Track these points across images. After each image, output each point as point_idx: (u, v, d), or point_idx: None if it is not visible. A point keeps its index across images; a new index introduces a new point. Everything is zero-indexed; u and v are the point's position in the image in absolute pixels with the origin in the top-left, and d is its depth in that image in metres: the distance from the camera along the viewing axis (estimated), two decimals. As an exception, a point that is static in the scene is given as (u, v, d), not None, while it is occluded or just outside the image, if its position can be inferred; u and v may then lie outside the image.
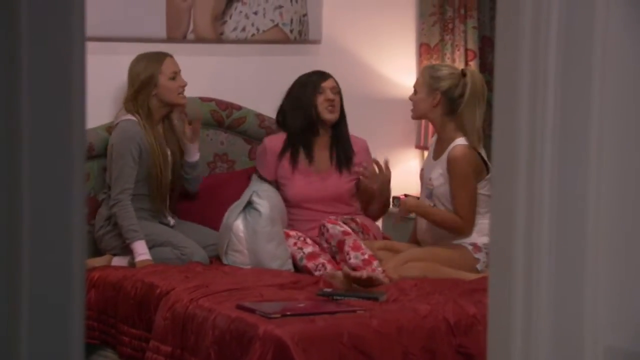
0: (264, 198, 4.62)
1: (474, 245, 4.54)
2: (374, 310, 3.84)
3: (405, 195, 5.47)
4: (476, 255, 4.53)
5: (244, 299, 3.94)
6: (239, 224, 4.58)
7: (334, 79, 4.90)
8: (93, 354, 4.51)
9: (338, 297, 4.02)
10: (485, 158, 4.54)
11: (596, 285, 1.55)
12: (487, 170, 4.52)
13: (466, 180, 4.47)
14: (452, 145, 4.50)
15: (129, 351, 4.29)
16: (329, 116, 4.84)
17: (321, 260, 4.52)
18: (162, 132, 4.78)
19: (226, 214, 4.63)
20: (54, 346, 1.28)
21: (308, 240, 4.63)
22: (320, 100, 4.83)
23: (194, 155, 4.89)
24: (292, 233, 4.65)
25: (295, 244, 4.61)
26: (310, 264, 4.54)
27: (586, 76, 1.51)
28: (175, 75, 4.72)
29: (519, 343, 1.57)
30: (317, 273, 4.50)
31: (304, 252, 4.57)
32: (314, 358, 3.53)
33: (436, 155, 4.61)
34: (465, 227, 4.51)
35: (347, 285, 4.21)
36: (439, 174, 4.54)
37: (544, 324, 1.56)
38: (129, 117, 4.67)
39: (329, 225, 4.60)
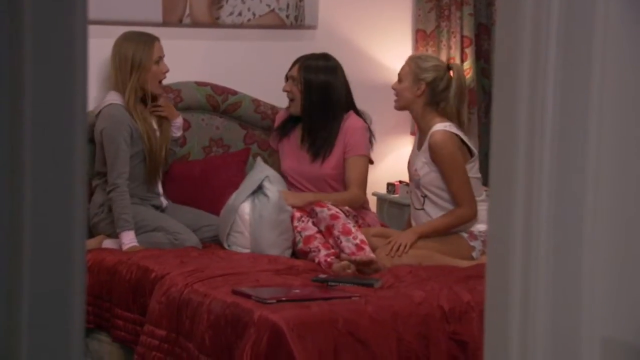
0: (274, 184, 4.61)
1: (470, 233, 4.54)
2: (369, 296, 3.85)
3: (400, 182, 5.48)
4: (472, 243, 4.53)
5: (240, 284, 3.94)
6: (246, 207, 4.57)
7: (300, 65, 4.77)
8: (87, 337, 4.51)
9: (333, 283, 4.03)
10: (466, 140, 4.56)
11: (593, 276, 1.56)
12: (470, 152, 4.56)
13: (454, 162, 4.48)
14: (431, 131, 4.52)
15: (122, 335, 4.29)
16: (290, 109, 4.82)
17: (316, 243, 4.50)
18: (148, 112, 4.77)
19: (233, 195, 4.63)
20: (54, 334, 1.27)
21: (310, 223, 4.57)
22: (285, 88, 4.83)
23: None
24: (298, 214, 4.59)
25: (296, 227, 4.56)
26: (305, 247, 4.52)
27: (586, 71, 1.51)
28: (160, 60, 4.71)
29: (516, 333, 1.57)
30: (310, 255, 4.49)
31: (301, 236, 4.55)
32: (308, 344, 3.54)
33: (419, 145, 4.64)
34: (470, 213, 4.51)
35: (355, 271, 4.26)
36: (422, 163, 4.56)
37: (541, 315, 1.56)
38: (113, 101, 4.65)
39: (317, 209, 4.56)
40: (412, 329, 3.75)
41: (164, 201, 4.82)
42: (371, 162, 4.92)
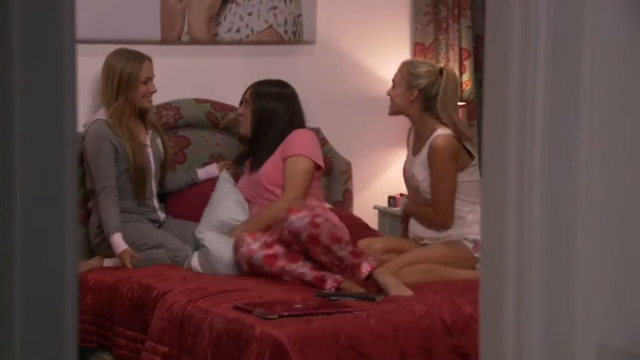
0: (205, 231, 4.54)
1: (475, 242, 4.53)
2: (370, 310, 3.84)
3: (401, 195, 5.48)
4: (476, 254, 4.52)
5: (241, 300, 3.94)
6: (194, 261, 4.52)
7: (252, 89, 4.79)
8: (91, 356, 4.51)
9: (335, 298, 4.02)
10: (467, 146, 4.58)
11: (587, 284, 1.56)
12: (472, 157, 4.57)
13: (446, 170, 4.50)
14: (433, 135, 4.53)
15: (124, 353, 4.29)
16: (239, 131, 4.87)
17: (281, 262, 4.26)
18: (144, 127, 4.79)
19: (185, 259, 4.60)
20: (48, 347, 1.28)
21: (256, 244, 4.33)
22: (239, 111, 4.88)
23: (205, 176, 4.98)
24: (249, 238, 4.37)
25: (243, 254, 4.34)
26: (273, 269, 4.28)
27: (575, 73, 1.52)
28: (148, 80, 4.71)
29: (511, 341, 1.57)
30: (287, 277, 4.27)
31: (259, 258, 4.31)
32: (310, 359, 3.53)
33: (415, 150, 4.65)
34: (441, 220, 4.54)
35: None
36: (421, 168, 4.56)
37: (536, 322, 1.56)
38: (99, 117, 4.67)
39: (293, 217, 4.23)
40: (415, 343, 3.74)
41: (161, 215, 4.83)
42: (318, 167, 4.75)
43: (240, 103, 4.87)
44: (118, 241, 4.51)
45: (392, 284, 4.14)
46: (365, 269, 4.16)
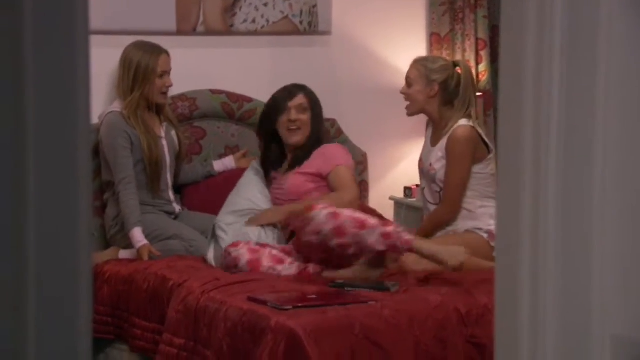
0: (226, 229, 4.51)
1: (489, 232, 4.54)
2: (385, 301, 3.84)
3: (417, 186, 5.48)
4: (492, 244, 4.53)
5: (256, 291, 3.94)
6: (210, 254, 4.50)
7: (305, 94, 4.62)
8: (108, 347, 4.53)
9: (350, 289, 4.02)
10: (484, 137, 4.60)
11: (603, 274, 1.55)
12: (488, 150, 4.61)
13: (462, 160, 4.54)
14: (455, 125, 4.55)
15: (141, 344, 4.30)
16: (291, 139, 4.59)
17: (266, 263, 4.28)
18: (159, 120, 4.79)
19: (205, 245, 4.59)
20: (62, 341, 1.28)
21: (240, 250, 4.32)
22: (283, 120, 4.61)
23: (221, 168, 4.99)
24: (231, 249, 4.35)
25: (229, 264, 4.32)
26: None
27: (591, 63, 1.51)
28: (164, 74, 4.71)
29: (526, 332, 1.57)
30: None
31: (240, 265, 4.30)
32: (325, 349, 3.54)
33: (434, 141, 4.67)
34: (447, 210, 4.58)
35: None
36: (439, 157, 4.59)
37: (551, 314, 1.56)
38: (114, 108, 4.68)
39: (313, 214, 4.07)
40: (429, 333, 3.74)
41: (176, 207, 4.83)
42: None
43: (281, 110, 4.62)
44: (138, 236, 4.52)
45: (439, 251, 4.06)
46: (404, 244, 4.03)
